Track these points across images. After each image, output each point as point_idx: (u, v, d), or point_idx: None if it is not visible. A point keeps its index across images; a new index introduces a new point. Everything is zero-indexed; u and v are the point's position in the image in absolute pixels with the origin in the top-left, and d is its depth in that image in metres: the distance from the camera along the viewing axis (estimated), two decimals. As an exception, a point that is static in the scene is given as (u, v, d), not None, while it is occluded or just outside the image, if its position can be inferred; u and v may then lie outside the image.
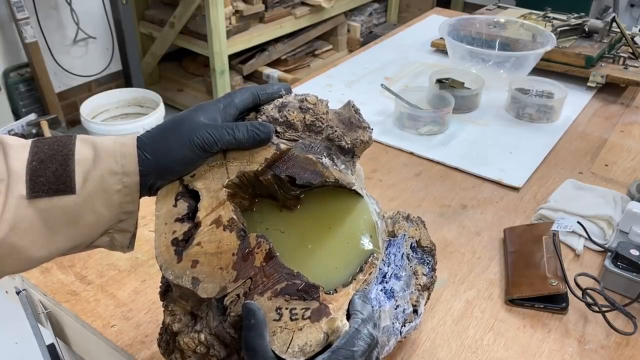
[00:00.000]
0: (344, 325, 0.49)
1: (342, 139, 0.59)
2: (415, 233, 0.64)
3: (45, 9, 2.68)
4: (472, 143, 1.15)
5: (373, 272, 0.55)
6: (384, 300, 0.57)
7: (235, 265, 0.51)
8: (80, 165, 0.50)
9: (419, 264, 0.63)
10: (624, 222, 0.86)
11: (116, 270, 0.82)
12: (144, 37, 3.18)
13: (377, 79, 1.39)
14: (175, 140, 0.52)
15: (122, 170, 0.51)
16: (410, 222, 0.65)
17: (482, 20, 1.49)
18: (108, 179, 0.51)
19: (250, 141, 0.54)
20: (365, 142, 0.61)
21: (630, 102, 1.34)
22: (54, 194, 0.49)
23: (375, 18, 3.94)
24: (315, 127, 0.59)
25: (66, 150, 0.50)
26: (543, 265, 0.78)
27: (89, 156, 0.51)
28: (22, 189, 0.48)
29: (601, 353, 0.71)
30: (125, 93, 2.72)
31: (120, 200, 0.52)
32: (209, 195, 0.54)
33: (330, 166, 0.57)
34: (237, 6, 2.88)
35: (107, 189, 0.51)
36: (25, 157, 0.50)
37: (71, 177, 0.49)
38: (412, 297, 0.61)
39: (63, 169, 0.49)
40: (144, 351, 0.70)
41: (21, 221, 0.48)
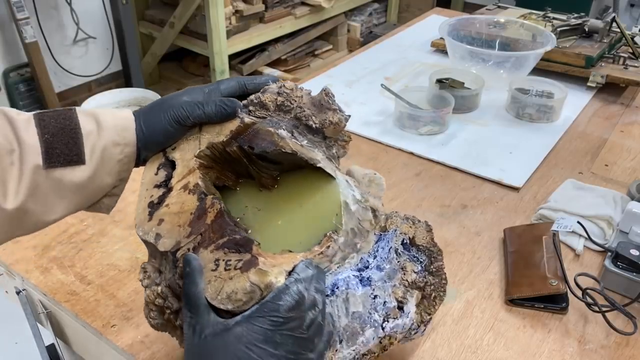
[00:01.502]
0: (278, 282, 0.51)
1: (310, 118, 0.63)
2: (409, 230, 0.64)
3: (45, 9, 2.68)
4: (472, 143, 1.15)
5: (331, 245, 0.57)
6: (355, 284, 0.58)
7: (191, 223, 0.56)
8: (88, 138, 0.55)
9: (410, 260, 0.63)
10: (624, 222, 0.86)
11: (116, 270, 0.82)
12: (144, 37, 3.18)
13: (377, 79, 1.39)
14: (158, 114, 0.59)
15: (124, 142, 0.57)
16: (406, 220, 0.65)
17: (482, 20, 1.49)
18: (111, 149, 0.57)
19: (218, 115, 0.60)
20: (334, 123, 0.64)
21: (630, 102, 1.34)
22: (67, 165, 0.54)
23: (375, 18, 3.94)
24: (285, 107, 0.63)
25: (73, 124, 0.55)
26: (543, 265, 0.78)
27: (93, 129, 0.56)
28: (37, 159, 0.53)
29: (601, 353, 0.71)
30: (125, 93, 2.72)
31: (120, 168, 0.58)
32: (183, 164, 0.60)
33: (286, 137, 0.60)
34: (237, 6, 2.88)
35: (110, 158, 0.57)
36: (34, 131, 0.54)
37: (81, 149, 0.55)
38: (395, 291, 0.60)
39: (74, 141, 0.55)
40: (144, 351, 0.70)
41: (37, 188, 0.53)
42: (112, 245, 0.87)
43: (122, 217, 0.92)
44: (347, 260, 0.59)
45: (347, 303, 0.57)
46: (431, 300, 0.63)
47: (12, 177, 0.52)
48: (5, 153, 0.52)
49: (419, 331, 0.63)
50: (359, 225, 0.61)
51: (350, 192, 0.62)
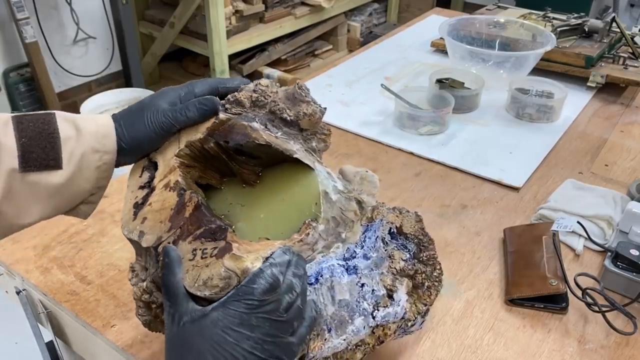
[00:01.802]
0: (254, 267, 0.52)
1: (284, 111, 0.64)
2: (396, 219, 0.65)
3: (45, 9, 2.68)
4: (472, 143, 1.15)
5: (311, 233, 0.58)
6: (340, 273, 0.58)
7: (171, 218, 0.57)
8: (66, 143, 0.55)
9: (397, 249, 0.63)
10: (624, 222, 0.86)
11: (116, 270, 0.82)
12: (144, 37, 3.18)
13: (377, 79, 1.39)
14: (141, 123, 0.60)
15: (104, 149, 0.58)
16: (393, 210, 0.66)
17: (482, 20, 1.49)
18: (90, 156, 0.57)
19: (200, 116, 0.61)
20: (308, 114, 0.64)
21: (630, 102, 1.34)
22: (44, 169, 0.54)
23: (375, 18, 3.94)
24: (260, 102, 0.64)
25: (51, 129, 0.55)
26: (543, 265, 0.78)
27: (72, 134, 0.56)
28: (13, 162, 0.53)
29: (601, 353, 0.71)
30: (125, 93, 2.72)
31: (98, 175, 0.59)
32: (164, 164, 0.62)
33: (260, 129, 0.62)
34: (237, 6, 2.88)
35: (88, 165, 0.57)
36: (12, 133, 0.54)
37: (59, 153, 0.55)
38: (383, 279, 0.61)
39: (51, 146, 0.54)
40: (144, 351, 0.70)
41: (11, 191, 0.53)
42: (112, 245, 0.87)
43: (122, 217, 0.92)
44: (332, 250, 0.60)
45: (333, 291, 0.57)
46: (425, 289, 0.64)
47: None
48: None
49: (416, 323, 0.63)
50: (342, 214, 0.61)
51: (331, 182, 0.63)
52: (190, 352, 0.47)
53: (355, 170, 0.74)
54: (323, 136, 0.68)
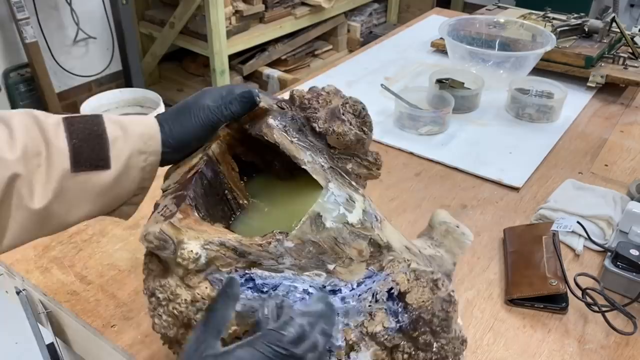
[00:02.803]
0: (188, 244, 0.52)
1: (317, 121, 0.63)
2: (403, 283, 0.56)
3: (46, 9, 2.68)
4: (472, 143, 1.16)
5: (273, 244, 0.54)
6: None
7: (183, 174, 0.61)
8: (114, 144, 0.57)
9: (386, 313, 0.55)
10: (623, 222, 0.86)
11: (116, 270, 0.82)
12: (144, 37, 3.18)
13: (377, 79, 1.39)
14: (188, 122, 0.62)
15: (149, 150, 0.59)
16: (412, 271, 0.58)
17: (482, 20, 1.49)
18: (136, 157, 0.59)
19: (242, 109, 0.63)
20: (337, 132, 0.63)
21: (630, 102, 1.34)
22: (94, 169, 0.56)
23: (375, 18, 3.94)
24: (304, 105, 0.64)
25: (100, 130, 0.57)
26: (543, 265, 0.78)
27: (119, 135, 0.58)
28: (66, 163, 0.55)
29: (601, 353, 0.71)
30: (125, 93, 2.72)
31: (143, 176, 0.60)
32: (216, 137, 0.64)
33: (274, 127, 0.61)
34: (237, 6, 2.88)
35: (134, 165, 0.59)
36: (63, 135, 0.56)
37: (107, 154, 0.57)
38: (347, 330, 0.55)
39: (100, 147, 0.57)
40: (144, 351, 0.70)
41: (63, 190, 0.55)
42: (112, 245, 0.87)
43: (122, 217, 0.92)
44: (308, 274, 0.55)
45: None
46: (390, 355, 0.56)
47: (39, 179, 0.54)
48: (33, 155, 0.54)
49: None
50: (334, 245, 0.55)
51: (339, 209, 0.57)
52: None
53: (444, 220, 0.69)
54: (366, 162, 0.66)
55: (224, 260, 0.53)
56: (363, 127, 0.65)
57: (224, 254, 0.53)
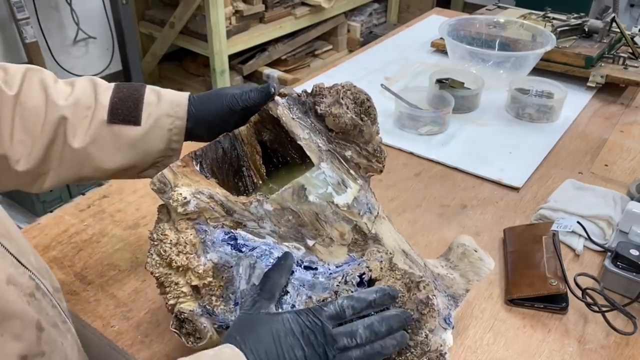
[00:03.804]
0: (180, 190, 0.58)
1: (320, 104, 0.67)
2: (376, 270, 0.59)
3: (46, 9, 2.68)
4: (472, 143, 1.15)
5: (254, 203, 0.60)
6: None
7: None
8: (147, 106, 0.68)
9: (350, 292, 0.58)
10: (623, 222, 0.86)
11: (116, 270, 0.82)
12: (144, 37, 3.17)
13: (377, 79, 1.39)
14: (212, 100, 0.71)
15: (175, 115, 0.69)
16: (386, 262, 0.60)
17: (482, 20, 1.49)
18: (164, 119, 0.68)
19: (261, 97, 0.70)
20: (334, 115, 0.66)
21: (630, 102, 1.34)
22: (126, 123, 0.67)
23: (375, 18, 3.94)
24: (317, 92, 0.68)
25: (138, 94, 0.69)
26: (543, 265, 0.78)
27: (153, 100, 0.69)
28: (104, 115, 0.67)
29: (601, 353, 0.71)
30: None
31: (170, 137, 0.69)
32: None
33: (280, 104, 0.67)
34: (237, 6, 2.88)
35: (162, 126, 0.68)
36: (109, 94, 0.68)
37: (139, 113, 0.68)
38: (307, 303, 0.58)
39: (135, 106, 0.68)
40: (144, 351, 0.70)
41: (99, 137, 0.67)
42: (112, 245, 0.87)
43: (122, 217, 0.92)
44: (287, 245, 0.60)
45: (252, 270, 0.59)
46: None
47: (82, 125, 0.66)
48: (84, 108, 0.66)
49: None
50: (315, 219, 0.60)
51: (327, 188, 0.62)
52: (252, 333, 0.53)
53: (462, 243, 0.70)
54: (365, 152, 0.67)
55: (212, 214, 0.59)
56: (362, 115, 0.68)
57: (213, 207, 0.59)
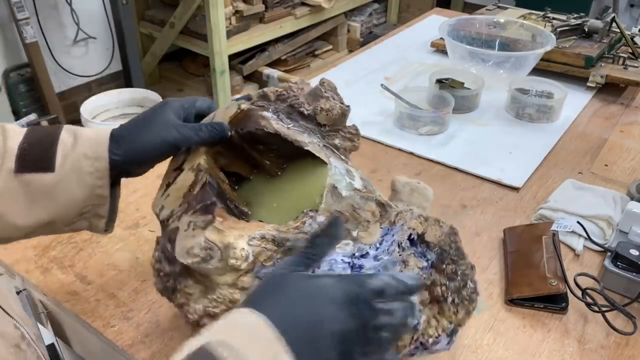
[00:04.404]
0: (237, 244, 0.54)
1: (302, 105, 0.66)
2: (418, 226, 0.62)
3: (46, 9, 2.68)
4: (472, 143, 1.16)
5: (307, 222, 0.58)
6: (342, 269, 0.57)
7: (185, 195, 0.60)
8: (62, 149, 0.59)
9: (415, 256, 0.60)
10: (623, 222, 0.86)
11: (116, 270, 0.82)
12: (144, 37, 3.17)
13: (377, 79, 1.39)
14: (148, 136, 0.62)
15: (94, 155, 0.60)
16: (418, 217, 0.63)
17: (482, 21, 1.49)
18: (82, 161, 0.60)
19: (210, 138, 0.63)
20: (325, 109, 0.67)
21: (630, 102, 1.34)
22: (37, 171, 0.58)
23: (375, 18, 3.94)
24: (283, 96, 0.67)
25: (52, 137, 0.60)
26: (543, 265, 0.78)
27: (69, 141, 0.60)
28: (11, 164, 0.58)
29: (601, 353, 0.71)
30: (125, 93, 2.72)
31: (93, 182, 0.60)
32: (193, 151, 0.65)
33: (270, 118, 0.65)
34: (237, 6, 2.88)
35: (80, 170, 0.59)
36: (19, 140, 0.60)
37: (52, 158, 0.59)
38: None
39: (47, 150, 0.59)
40: (144, 351, 0.70)
41: (8, 189, 0.58)
42: (112, 245, 0.87)
43: (123, 217, 0.92)
44: (339, 246, 0.58)
45: None
46: (449, 305, 0.60)
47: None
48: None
49: (440, 341, 0.59)
50: (353, 212, 0.61)
51: (346, 179, 0.63)
52: (282, 295, 0.46)
53: (406, 181, 0.74)
54: (349, 135, 0.69)
55: (266, 253, 0.56)
56: (342, 101, 0.70)
57: (266, 247, 0.56)
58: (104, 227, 0.65)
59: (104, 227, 0.65)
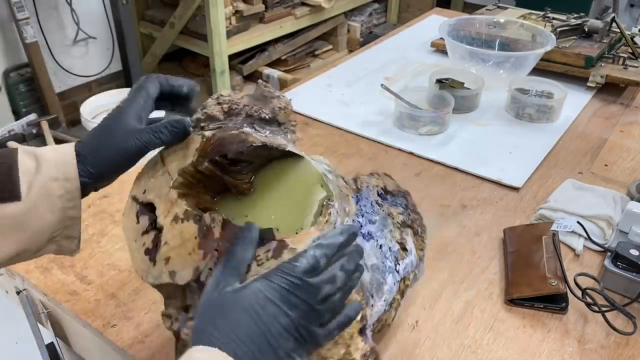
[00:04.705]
0: None
1: (261, 111, 0.64)
2: (379, 182, 0.68)
3: (46, 9, 2.68)
4: (472, 143, 1.16)
5: (332, 212, 0.57)
6: (361, 242, 0.60)
7: (200, 244, 0.55)
8: (25, 175, 0.54)
9: (392, 206, 0.67)
10: (623, 222, 0.86)
11: (116, 270, 0.82)
12: (144, 37, 3.17)
13: (377, 79, 1.39)
14: (110, 147, 0.58)
15: (64, 177, 0.55)
16: (371, 175, 0.69)
17: (482, 21, 1.49)
18: (51, 185, 0.55)
19: (172, 138, 0.60)
20: (283, 108, 0.66)
21: (630, 102, 1.34)
22: (1, 202, 0.53)
23: (375, 18, 3.93)
24: (234, 111, 0.63)
25: (10, 162, 0.54)
26: (543, 265, 0.78)
27: (31, 166, 0.55)
28: None
29: (601, 353, 0.71)
30: (125, 93, 2.69)
31: (63, 205, 0.56)
32: (162, 201, 0.59)
33: (252, 132, 0.61)
34: (237, 6, 2.88)
35: (50, 194, 0.55)
36: None
37: (16, 185, 0.53)
38: (394, 235, 0.64)
39: (8, 178, 0.53)
40: (144, 351, 0.70)
41: None
42: (112, 245, 0.87)
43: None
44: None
45: (364, 260, 0.59)
46: (419, 236, 0.69)
47: None
48: None
49: (420, 268, 0.68)
50: (340, 191, 0.63)
51: (320, 165, 0.64)
52: (223, 317, 0.47)
53: None
54: (292, 127, 0.69)
55: None
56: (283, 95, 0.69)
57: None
58: (75, 248, 0.60)
59: (75, 247, 0.60)
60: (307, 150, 0.67)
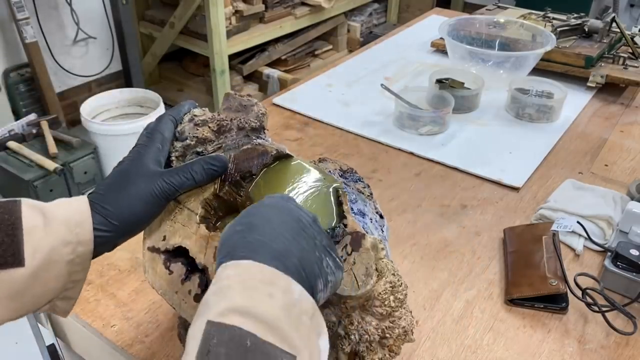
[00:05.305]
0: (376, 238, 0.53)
1: (249, 121, 0.64)
2: (335, 165, 0.68)
3: (46, 9, 2.68)
4: (472, 143, 1.16)
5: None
6: (361, 220, 0.61)
7: None
8: (30, 235, 0.47)
9: (354, 181, 0.68)
10: (623, 222, 0.86)
11: (116, 270, 0.82)
12: (144, 37, 3.18)
13: (377, 79, 1.39)
14: (134, 194, 0.52)
15: (77, 240, 0.49)
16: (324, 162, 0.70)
17: (482, 20, 1.49)
18: (60, 249, 0.48)
19: (208, 178, 0.56)
20: (264, 113, 0.66)
21: (630, 102, 1.34)
22: (1, 267, 0.45)
23: (375, 18, 3.94)
24: (225, 128, 0.62)
25: (13, 219, 0.47)
26: (543, 265, 0.78)
27: (38, 224, 0.47)
28: None
29: (601, 353, 0.71)
30: (125, 93, 2.72)
31: (70, 269, 0.49)
32: (194, 240, 0.55)
33: (263, 142, 0.62)
34: (237, 6, 2.88)
35: (58, 259, 0.48)
36: None
37: (20, 248, 0.46)
38: (371, 207, 0.65)
39: (10, 239, 0.46)
40: (144, 351, 0.70)
41: None
42: (112, 245, 0.87)
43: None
44: None
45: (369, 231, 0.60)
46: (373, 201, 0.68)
47: None
48: None
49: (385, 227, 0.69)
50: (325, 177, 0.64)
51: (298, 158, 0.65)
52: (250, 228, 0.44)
53: None
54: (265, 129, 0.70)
55: None
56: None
57: None
58: (69, 309, 0.53)
59: (69, 308, 0.53)
60: (307, 151, 0.67)
